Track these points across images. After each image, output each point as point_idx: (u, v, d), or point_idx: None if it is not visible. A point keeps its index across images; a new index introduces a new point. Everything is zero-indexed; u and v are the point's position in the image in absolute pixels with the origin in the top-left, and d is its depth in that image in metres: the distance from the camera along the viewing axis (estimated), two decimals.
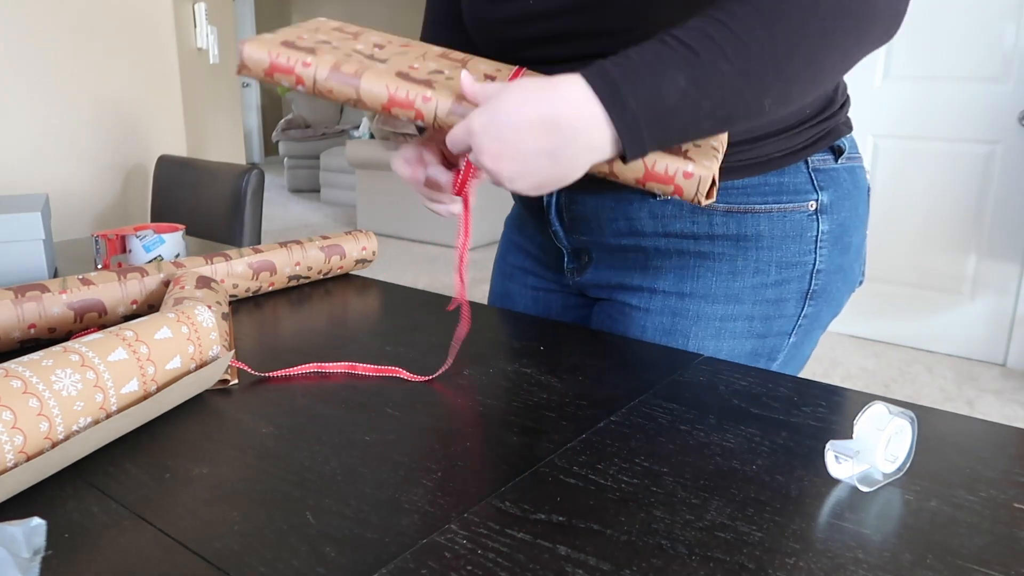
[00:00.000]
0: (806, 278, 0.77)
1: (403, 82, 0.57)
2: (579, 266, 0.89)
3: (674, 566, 0.43)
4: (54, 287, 0.77)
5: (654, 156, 0.53)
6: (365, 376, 0.71)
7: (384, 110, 0.58)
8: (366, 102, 0.58)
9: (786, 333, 0.80)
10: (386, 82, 0.57)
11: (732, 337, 0.79)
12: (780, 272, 0.77)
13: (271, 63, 0.60)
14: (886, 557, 0.44)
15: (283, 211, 6.35)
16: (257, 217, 1.94)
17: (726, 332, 0.79)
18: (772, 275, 0.77)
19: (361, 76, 0.58)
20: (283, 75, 0.60)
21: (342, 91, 0.59)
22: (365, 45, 0.64)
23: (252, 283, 0.94)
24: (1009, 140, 2.87)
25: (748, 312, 0.78)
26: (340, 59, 0.60)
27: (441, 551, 0.44)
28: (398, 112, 0.57)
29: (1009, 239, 2.92)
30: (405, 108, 0.56)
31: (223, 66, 3.55)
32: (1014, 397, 2.72)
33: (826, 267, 0.78)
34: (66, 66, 2.10)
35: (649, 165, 0.53)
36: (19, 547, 0.40)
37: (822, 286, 0.79)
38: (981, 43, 2.86)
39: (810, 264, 0.77)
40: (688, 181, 0.53)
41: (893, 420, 0.52)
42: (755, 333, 0.79)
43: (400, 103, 0.57)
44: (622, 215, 0.81)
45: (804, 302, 0.78)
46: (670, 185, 0.53)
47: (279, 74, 0.59)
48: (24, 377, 0.51)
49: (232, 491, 0.51)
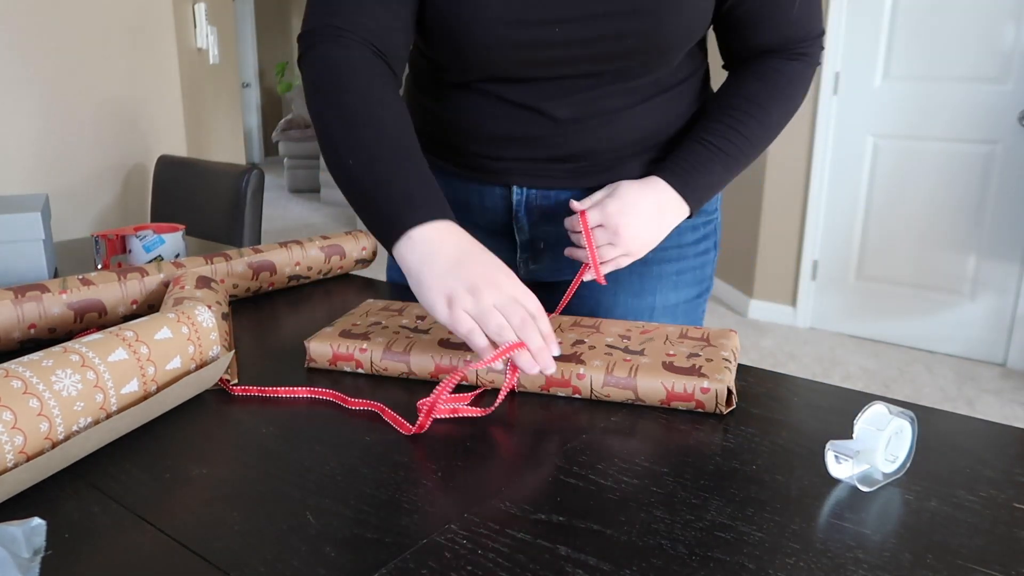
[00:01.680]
0: (715, 231, 0.97)
1: (446, 351, 0.68)
2: (532, 254, 0.93)
3: (674, 566, 0.43)
4: (54, 287, 0.77)
5: (672, 378, 0.63)
6: (363, 376, 0.71)
7: (433, 376, 0.68)
8: (417, 373, 0.68)
9: (710, 276, 0.99)
10: (431, 354, 0.68)
11: (685, 286, 0.94)
12: (704, 228, 0.95)
13: (333, 354, 0.71)
14: (886, 557, 0.44)
15: (283, 211, 6.35)
16: (257, 217, 1.94)
17: (681, 283, 0.94)
18: (700, 231, 0.95)
19: (410, 352, 0.68)
20: (345, 362, 0.70)
21: (396, 367, 0.69)
22: (409, 319, 0.76)
23: (252, 283, 0.94)
24: (1009, 140, 2.87)
25: (691, 264, 0.94)
26: (390, 339, 0.71)
27: (441, 551, 0.44)
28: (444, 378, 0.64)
29: (1009, 239, 2.92)
30: (452, 373, 0.62)
31: (223, 66, 3.55)
32: (1014, 397, 2.72)
33: (718, 217, 0.98)
34: (66, 66, 2.10)
35: (669, 387, 0.63)
36: (19, 547, 0.40)
37: (719, 235, 0.99)
38: (981, 43, 2.86)
39: (716, 219, 0.97)
40: (706, 396, 0.62)
41: (893, 420, 0.52)
42: (696, 280, 0.96)
43: (445, 370, 0.67)
44: None
45: (715, 249, 0.98)
46: (692, 401, 0.63)
47: (341, 361, 0.71)
48: (24, 377, 0.51)
49: (232, 491, 0.51)
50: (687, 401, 0.63)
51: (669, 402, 0.63)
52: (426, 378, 0.69)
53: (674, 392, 0.63)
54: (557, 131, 0.81)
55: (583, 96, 0.80)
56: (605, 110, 0.81)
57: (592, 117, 0.81)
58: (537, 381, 0.66)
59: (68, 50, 2.10)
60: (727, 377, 0.62)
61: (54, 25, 2.05)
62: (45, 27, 2.03)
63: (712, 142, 0.82)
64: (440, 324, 0.72)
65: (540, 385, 0.66)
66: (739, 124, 0.82)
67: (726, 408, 0.63)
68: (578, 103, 0.80)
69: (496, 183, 0.89)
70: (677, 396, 0.63)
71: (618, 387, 0.64)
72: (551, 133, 0.82)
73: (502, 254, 0.95)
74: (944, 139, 3.00)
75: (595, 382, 0.64)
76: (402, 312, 0.79)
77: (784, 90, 0.83)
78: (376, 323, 0.76)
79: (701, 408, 0.63)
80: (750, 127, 0.82)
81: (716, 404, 0.62)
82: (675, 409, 0.64)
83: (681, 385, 0.62)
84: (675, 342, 0.70)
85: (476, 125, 0.84)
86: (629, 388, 0.64)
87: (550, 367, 0.62)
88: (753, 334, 3.33)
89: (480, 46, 0.76)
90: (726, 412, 0.62)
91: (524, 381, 0.66)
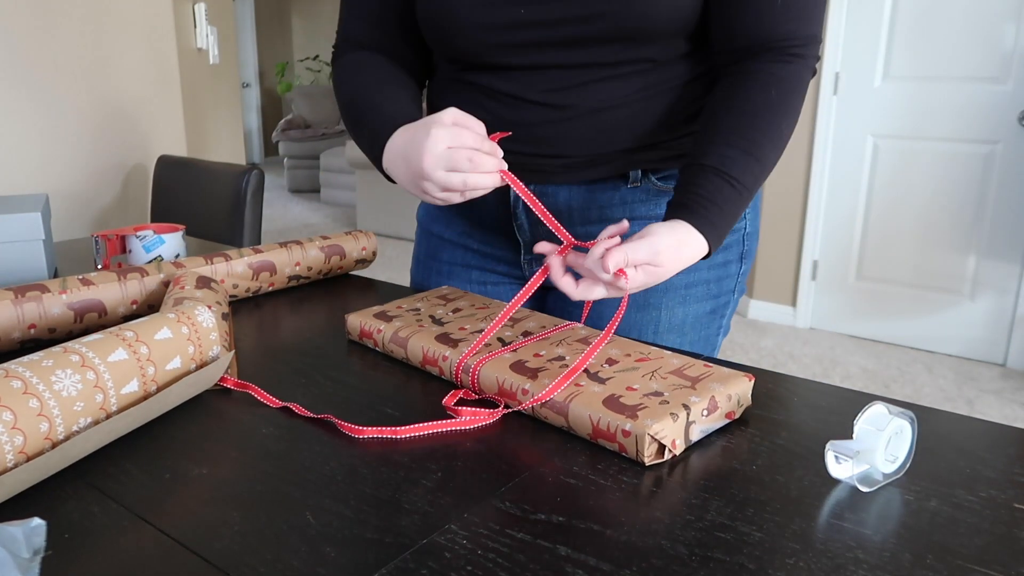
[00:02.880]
0: (741, 241, 0.91)
1: (437, 344, 0.71)
2: (537, 256, 0.92)
3: (674, 566, 0.43)
4: (54, 287, 0.77)
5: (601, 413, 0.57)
6: (364, 376, 0.71)
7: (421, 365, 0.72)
8: (411, 359, 0.73)
9: (731, 290, 0.93)
10: (422, 344, 0.72)
11: (695, 301, 0.90)
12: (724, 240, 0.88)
13: (361, 329, 0.78)
14: (886, 557, 0.44)
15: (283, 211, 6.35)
16: (257, 217, 1.94)
17: (691, 297, 0.89)
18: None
19: (408, 340, 0.73)
20: (367, 338, 0.78)
21: (396, 351, 0.75)
22: (444, 310, 0.81)
23: (252, 283, 0.94)
24: (1009, 140, 2.87)
25: (705, 277, 0.89)
26: (402, 326, 0.76)
27: (441, 551, 0.44)
28: (430, 368, 0.71)
29: (1009, 239, 2.92)
30: (432, 365, 0.71)
31: (223, 66, 3.55)
32: (1014, 397, 2.72)
33: (750, 229, 0.92)
34: (66, 66, 2.10)
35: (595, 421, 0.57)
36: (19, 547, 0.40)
37: (749, 247, 0.93)
38: (981, 43, 2.86)
39: (741, 230, 0.91)
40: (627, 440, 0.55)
41: (893, 420, 0.52)
42: (711, 294, 0.91)
43: (430, 361, 0.71)
44: (595, 204, 0.87)
45: (740, 262, 0.92)
46: (615, 443, 0.57)
47: (365, 338, 0.78)
48: (24, 377, 0.51)
49: (232, 491, 0.51)
50: (610, 441, 0.56)
51: (596, 438, 0.58)
52: (418, 366, 0.73)
53: (598, 428, 0.57)
54: (544, 121, 0.81)
55: (571, 88, 0.79)
56: (594, 103, 0.80)
57: (580, 109, 0.80)
58: (492, 389, 0.65)
59: (68, 50, 2.10)
60: (662, 426, 0.54)
61: (54, 25, 2.05)
62: (45, 27, 2.03)
63: (738, 180, 0.73)
64: (459, 318, 0.78)
65: (494, 393, 0.65)
66: (757, 150, 0.74)
67: (654, 459, 0.55)
68: (565, 94, 0.80)
69: None
70: (601, 433, 0.57)
71: (552, 410, 0.60)
72: (537, 123, 0.82)
73: (507, 254, 0.95)
74: (944, 139, 3.00)
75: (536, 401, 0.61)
76: (449, 302, 0.83)
77: (789, 101, 0.76)
78: (415, 309, 0.81)
79: (624, 452, 0.56)
80: (764, 150, 0.74)
81: (637, 452, 0.55)
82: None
83: (606, 422, 0.56)
84: (660, 376, 0.63)
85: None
86: (562, 414, 0.59)
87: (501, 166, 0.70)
88: (753, 334, 3.33)
89: (453, 28, 0.81)
90: (648, 463, 0.55)
91: (483, 384, 0.65)
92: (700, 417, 0.58)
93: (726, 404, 0.60)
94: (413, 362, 0.73)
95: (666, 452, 0.56)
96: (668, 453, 0.56)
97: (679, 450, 0.56)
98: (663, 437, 0.54)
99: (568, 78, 0.79)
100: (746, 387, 0.62)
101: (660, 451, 0.56)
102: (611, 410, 0.57)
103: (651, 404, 0.57)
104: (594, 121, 0.81)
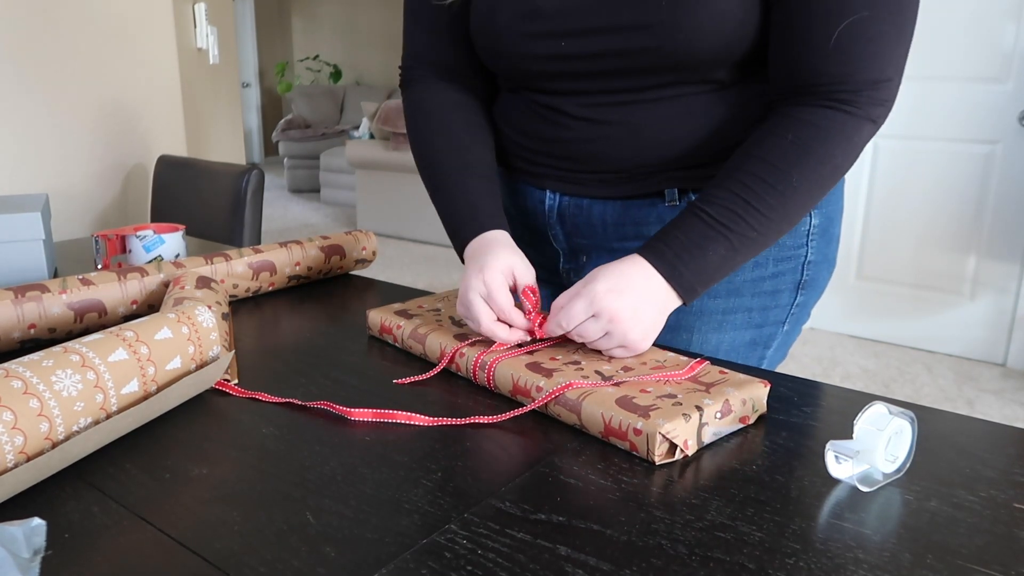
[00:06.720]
0: (799, 270, 0.83)
1: (455, 342, 0.72)
2: (576, 266, 0.91)
3: (674, 566, 0.43)
4: (54, 287, 0.77)
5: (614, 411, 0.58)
6: (364, 376, 0.71)
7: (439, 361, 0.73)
8: (429, 356, 0.75)
9: (780, 322, 0.85)
10: (440, 341, 0.73)
11: (733, 329, 0.83)
12: (776, 265, 0.82)
13: (381, 324, 0.80)
14: (886, 557, 0.44)
15: (283, 211, 6.35)
16: (257, 217, 1.94)
17: (727, 324, 0.82)
18: (769, 268, 0.82)
19: (426, 337, 0.74)
20: (386, 334, 0.80)
21: (414, 347, 0.76)
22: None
23: (252, 283, 0.94)
24: (1009, 140, 2.87)
25: (747, 304, 0.82)
26: (421, 323, 0.77)
27: (441, 551, 0.44)
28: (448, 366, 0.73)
29: (1009, 239, 2.92)
30: (450, 363, 0.72)
31: (223, 66, 3.55)
32: (1014, 397, 2.72)
33: (815, 258, 0.83)
34: (66, 66, 2.10)
35: (607, 419, 0.58)
36: (19, 547, 0.40)
37: (812, 276, 0.84)
38: (981, 43, 2.86)
39: (802, 256, 0.82)
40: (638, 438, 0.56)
41: (893, 420, 0.52)
42: (753, 323, 0.83)
43: (447, 357, 0.72)
44: (630, 221, 0.84)
45: (796, 292, 0.83)
46: (626, 441, 0.57)
47: (384, 333, 0.80)
48: (24, 377, 0.51)
49: (232, 491, 0.51)
50: (622, 439, 0.57)
51: (607, 436, 0.58)
52: (435, 362, 0.73)
53: (610, 426, 0.57)
54: (581, 136, 0.80)
55: (612, 106, 0.78)
56: (633, 121, 0.77)
57: (619, 126, 0.78)
58: (507, 386, 0.66)
59: (68, 50, 2.10)
60: (673, 426, 0.55)
61: (54, 25, 2.05)
62: (45, 27, 2.03)
63: (713, 215, 0.68)
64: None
65: (508, 390, 0.66)
66: (750, 193, 0.67)
67: (664, 458, 0.56)
68: (605, 110, 0.78)
69: (534, 186, 0.89)
70: (613, 431, 0.57)
71: (566, 408, 0.60)
72: (575, 137, 0.80)
73: (546, 261, 0.94)
74: (944, 139, 3.00)
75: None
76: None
77: (810, 149, 0.67)
78: (435, 309, 0.82)
79: (635, 451, 0.56)
80: (764, 198, 0.67)
81: (648, 450, 0.55)
82: None
83: (618, 420, 0.57)
84: (674, 381, 0.63)
85: (512, 121, 0.87)
86: (575, 412, 0.60)
87: (514, 339, 0.70)
88: None
89: (498, 55, 0.81)
90: (658, 463, 0.55)
91: (498, 381, 0.67)
92: (713, 419, 0.58)
93: (740, 408, 0.60)
94: (431, 359, 0.74)
95: (677, 452, 0.56)
96: (680, 453, 0.56)
97: (691, 451, 0.56)
98: (674, 436, 0.55)
99: (609, 99, 0.78)
100: (761, 393, 0.62)
101: (671, 451, 0.56)
102: (625, 410, 0.57)
103: (664, 405, 0.58)
104: (633, 139, 0.78)
